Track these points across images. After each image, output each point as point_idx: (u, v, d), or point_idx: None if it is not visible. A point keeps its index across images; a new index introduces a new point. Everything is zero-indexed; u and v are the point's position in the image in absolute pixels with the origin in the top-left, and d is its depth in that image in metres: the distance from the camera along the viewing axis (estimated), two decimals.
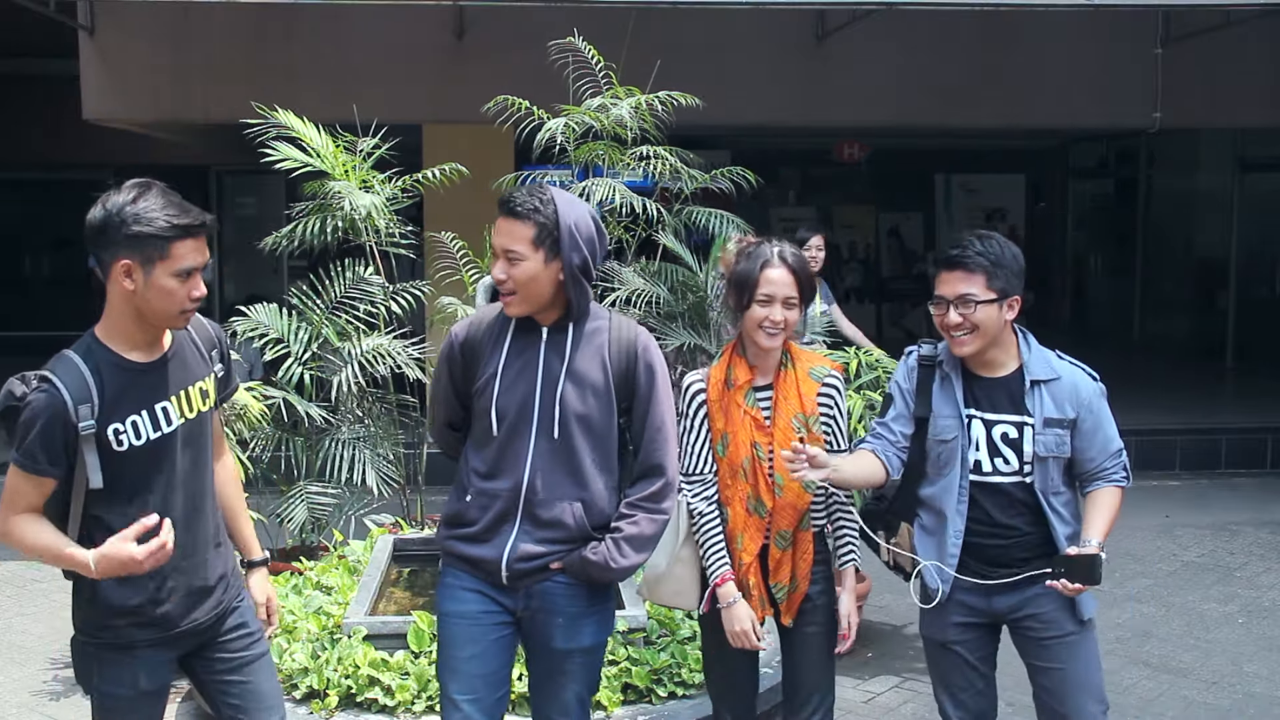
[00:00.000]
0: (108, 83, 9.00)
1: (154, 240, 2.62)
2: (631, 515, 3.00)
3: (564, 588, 3.02)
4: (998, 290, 3.14)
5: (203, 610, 2.86)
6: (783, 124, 10.23)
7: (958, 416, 3.22)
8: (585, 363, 2.99)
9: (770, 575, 3.33)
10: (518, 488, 2.98)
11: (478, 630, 3.03)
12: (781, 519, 3.30)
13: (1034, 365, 3.21)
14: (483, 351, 3.02)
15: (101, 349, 2.70)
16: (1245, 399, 11.58)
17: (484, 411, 3.00)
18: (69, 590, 2.84)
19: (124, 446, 2.67)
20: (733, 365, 3.36)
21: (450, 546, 3.08)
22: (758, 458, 3.28)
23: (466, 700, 3.01)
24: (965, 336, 3.17)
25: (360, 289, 5.67)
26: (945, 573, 3.24)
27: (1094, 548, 3.07)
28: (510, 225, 2.93)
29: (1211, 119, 10.40)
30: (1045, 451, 3.16)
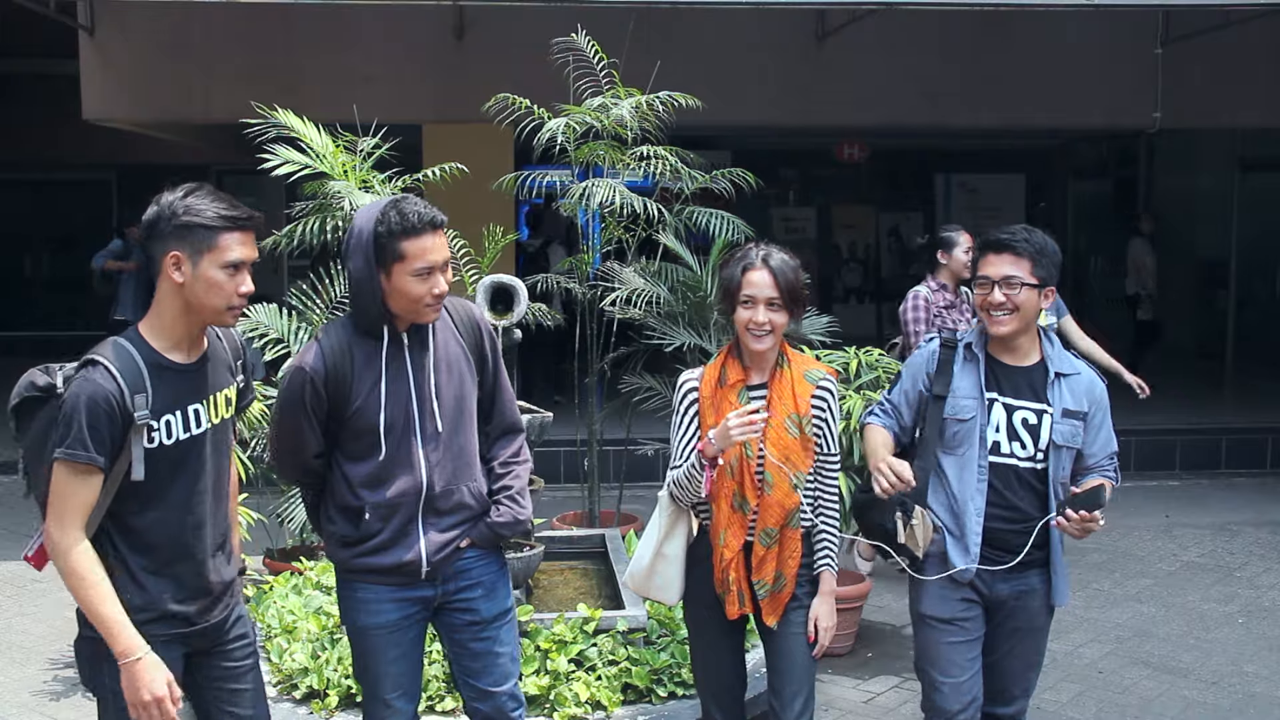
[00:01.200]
0: (108, 83, 9.01)
1: (202, 231, 2.67)
2: (510, 470, 3.20)
3: (476, 559, 3.16)
4: (1039, 278, 3.27)
5: (216, 612, 2.87)
6: (783, 124, 10.24)
7: (978, 397, 3.34)
8: (447, 349, 3.10)
9: (753, 572, 3.33)
10: (417, 490, 3.04)
11: (398, 635, 3.11)
12: (768, 516, 3.30)
13: (1057, 359, 3.37)
14: (344, 378, 2.98)
15: (144, 344, 2.72)
16: (1245, 399, 11.58)
17: (366, 429, 3.00)
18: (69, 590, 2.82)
19: (155, 444, 2.68)
20: (727, 365, 3.38)
21: (357, 564, 3.07)
22: (746, 456, 3.29)
23: (397, 697, 3.13)
24: (1006, 316, 3.29)
25: None
26: (973, 551, 3.33)
27: (1096, 480, 3.29)
28: None
29: (1211, 119, 10.40)
30: (1062, 440, 3.30)
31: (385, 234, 2.92)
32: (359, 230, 2.96)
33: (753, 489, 3.30)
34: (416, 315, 3.01)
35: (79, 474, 2.61)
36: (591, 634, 4.47)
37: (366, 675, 3.15)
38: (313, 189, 5.59)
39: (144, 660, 2.63)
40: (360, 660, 3.16)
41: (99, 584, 2.63)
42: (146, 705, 2.63)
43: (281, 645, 4.50)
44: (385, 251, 2.92)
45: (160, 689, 2.64)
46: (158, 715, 2.65)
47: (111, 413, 2.60)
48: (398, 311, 3.00)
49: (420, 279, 2.94)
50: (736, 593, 3.33)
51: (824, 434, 3.38)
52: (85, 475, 2.61)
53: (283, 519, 5.62)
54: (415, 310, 2.99)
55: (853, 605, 5.47)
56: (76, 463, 2.60)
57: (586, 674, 4.34)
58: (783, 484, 3.28)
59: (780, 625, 3.36)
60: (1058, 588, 3.41)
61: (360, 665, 3.17)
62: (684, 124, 6.00)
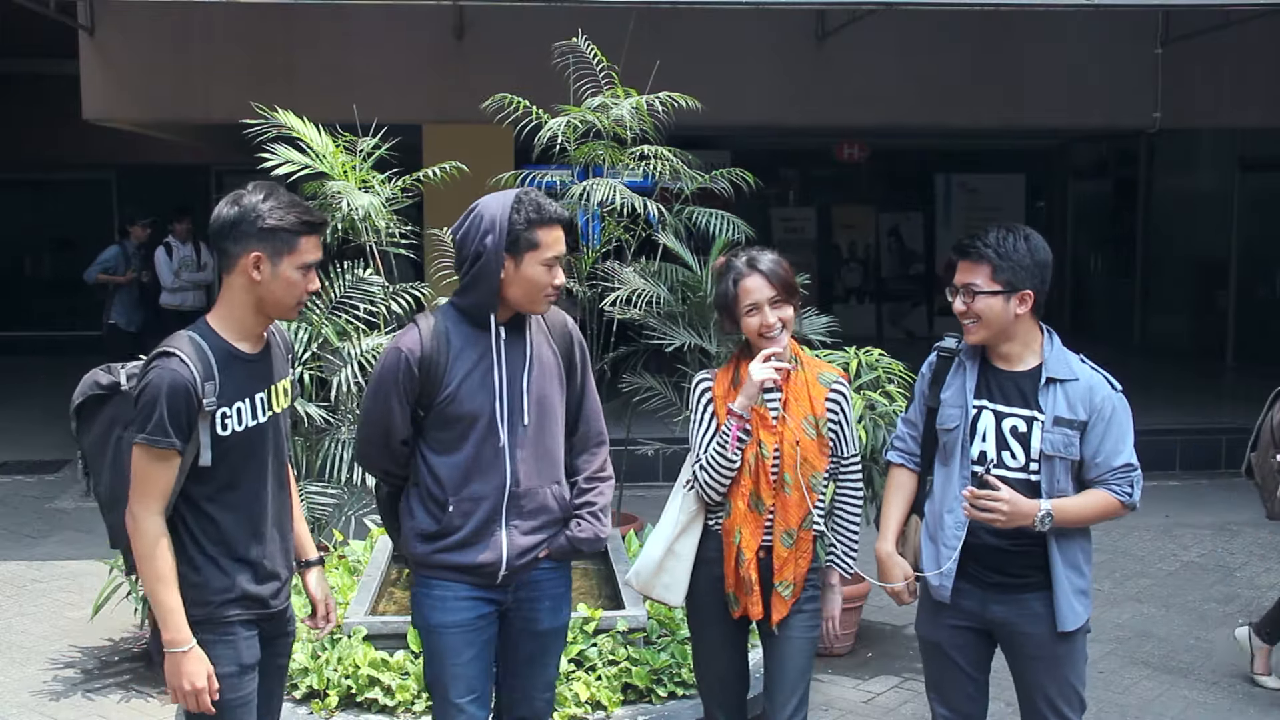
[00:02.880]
0: (108, 83, 9.01)
1: (285, 235, 2.80)
2: (595, 487, 3.20)
3: (549, 572, 3.17)
4: (1003, 282, 3.11)
5: (282, 596, 2.98)
6: (783, 124, 10.24)
7: (962, 406, 3.21)
8: (540, 349, 3.14)
9: (775, 574, 3.33)
10: (502, 486, 3.06)
11: (473, 635, 3.10)
12: (789, 517, 3.31)
13: (1053, 363, 3.18)
14: (440, 361, 3.03)
15: (214, 335, 2.83)
16: (1245, 399, 11.53)
17: (456, 418, 3.03)
18: (69, 590, 2.86)
19: (227, 431, 2.80)
20: (740, 367, 3.39)
21: (438, 560, 3.08)
22: (761, 455, 3.29)
23: (469, 701, 3.10)
24: (971, 325, 3.19)
25: (360, 289, 5.67)
26: (947, 567, 3.20)
27: (1010, 495, 3.02)
28: None
29: (1211, 119, 10.40)
30: (1052, 450, 3.11)
31: (522, 222, 3.00)
32: (490, 218, 3.01)
33: (768, 488, 3.30)
34: (534, 304, 3.08)
35: (160, 458, 2.72)
36: (591, 634, 4.47)
37: (440, 677, 3.12)
38: (312, 189, 5.59)
39: (191, 652, 2.75)
40: (434, 661, 3.13)
41: (167, 569, 2.75)
42: (187, 694, 2.75)
43: None
44: (520, 239, 3.00)
45: (201, 681, 2.75)
46: (194, 704, 2.77)
47: (189, 399, 2.72)
48: (514, 300, 3.05)
49: (548, 268, 3.03)
50: (758, 593, 3.32)
51: (840, 436, 3.40)
52: (166, 459, 2.73)
53: None
54: (534, 299, 3.06)
55: (853, 605, 5.46)
56: (158, 448, 2.71)
57: (586, 674, 4.34)
58: (800, 485, 3.30)
59: (780, 628, 3.37)
60: (1061, 611, 3.12)
61: (433, 668, 3.14)
62: (684, 124, 6.00)
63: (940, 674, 3.33)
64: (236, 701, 2.85)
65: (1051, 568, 3.13)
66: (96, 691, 5.03)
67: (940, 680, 3.33)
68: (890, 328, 15.35)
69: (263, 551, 2.90)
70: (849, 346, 5.36)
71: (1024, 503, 3.05)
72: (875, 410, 5.08)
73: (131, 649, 5.44)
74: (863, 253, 16.04)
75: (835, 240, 15.98)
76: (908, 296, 15.83)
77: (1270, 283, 12.75)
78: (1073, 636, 3.18)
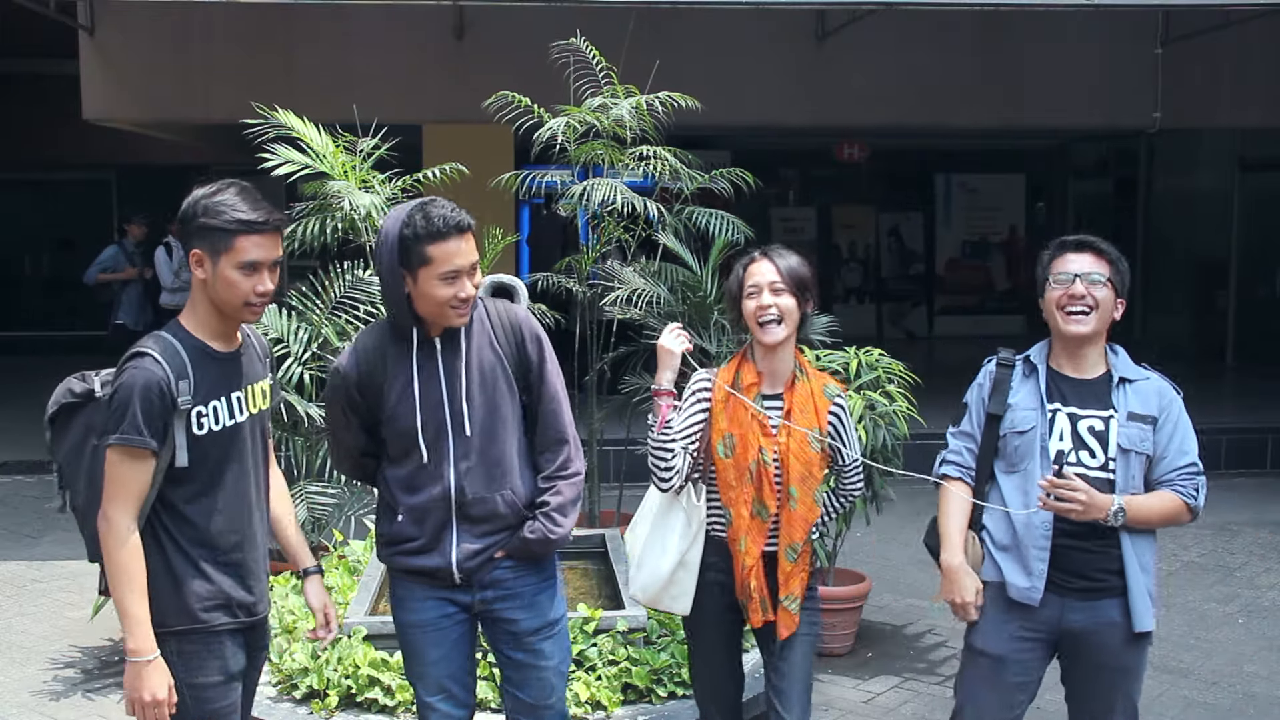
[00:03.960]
0: (108, 83, 9.01)
1: (219, 233, 2.74)
2: (553, 485, 3.11)
3: (511, 571, 3.12)
4: (1117, 284, 3.22)
5: (264, 601, 2.95)
6: (783, 124, 10.24)
7: (1038, 408, 3.21)
8: (481, 355, 3.07)
9: (781, 588, 3.32)
10: (447, 496, 3.04)
11: (438, 635, 3.12)
12: (794, 531, 3.30)
13: (1122, 366, 3.27)
14: (377, 381, 3.02)
15: (188, 335, 2.80)
16: (1245, 399, 11.57)
17: (403, 432, 3.02)
18: (69, 590, 2.85)
19: (204, 430, 2.76)
20: (741, 370, 3.37)
21: (397, 563, 3.12)
22: (763, 462, 3.28)
23: (440, 700, 3.13)
24: (1083, 315, 3.19)
25: (360, 289, 5.67)
26: (1037, 568, 3.15)
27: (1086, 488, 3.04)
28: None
29: (1211, 119, 10.40)
30: (1129, 444, 3.15)
31: (411, 238, 2.91)
32: (385, 234, 2.95)
33: (772, 494, 3.29)
34: (443, 319, 2.99)
35: (135, 459, 2.68)
36: (591, 634, 4.47)
37: (410, 675, 3.20)
38: (313, 189, 5.59)
39: (155, 662, 2.70)
40: (406, 660, 3.20)
41: (137, 575, 2.70)
42: (146, 705, 2.70)
43: (281, 645, 4.50)
44: (411, 255, 2.91)
45: (161, 693, 2.70)
46: (153, 716, 2.71)
47: (163, 398, 2.68)
48: (425, 315, 2.99)
49: (446, 283, 2.93)
50: (759, 601, 3.31)
51: (838, 448, 3.38)
52: (140, 460, 2.68)
53: None
54: (442, 314, 2.97)
55: (853, 605, 5.47)
56: (132, 447, 2.66)
57: (586, 674, 4.34)
58: (806, 498, 3.29)
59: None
60: (1136, 610, 3.11)
61: (406, 665, 3.21)
62: (684, 124, 6.00)
63: (994, 687, 3.26)
64: (224, 710, 2.83)
65: (1126, 567, 3.13)
66: (96, 691, 5.03)
67: (989, 696, 3.26)
68: (890, 328, 15.33)
69: (246, 555, 2.86)
70: (849, 346, 5.36)
71: (1100, 496, 3.07)
72: (875, 410, 5.08)
73: None
74: (863, 253, 16.03)
75: (835, 240, 15.97)
76: (908, 296, 15.82)
77: (1270, 283, 12.76)
78: (1144, 642, 3.19)
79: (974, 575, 3.28)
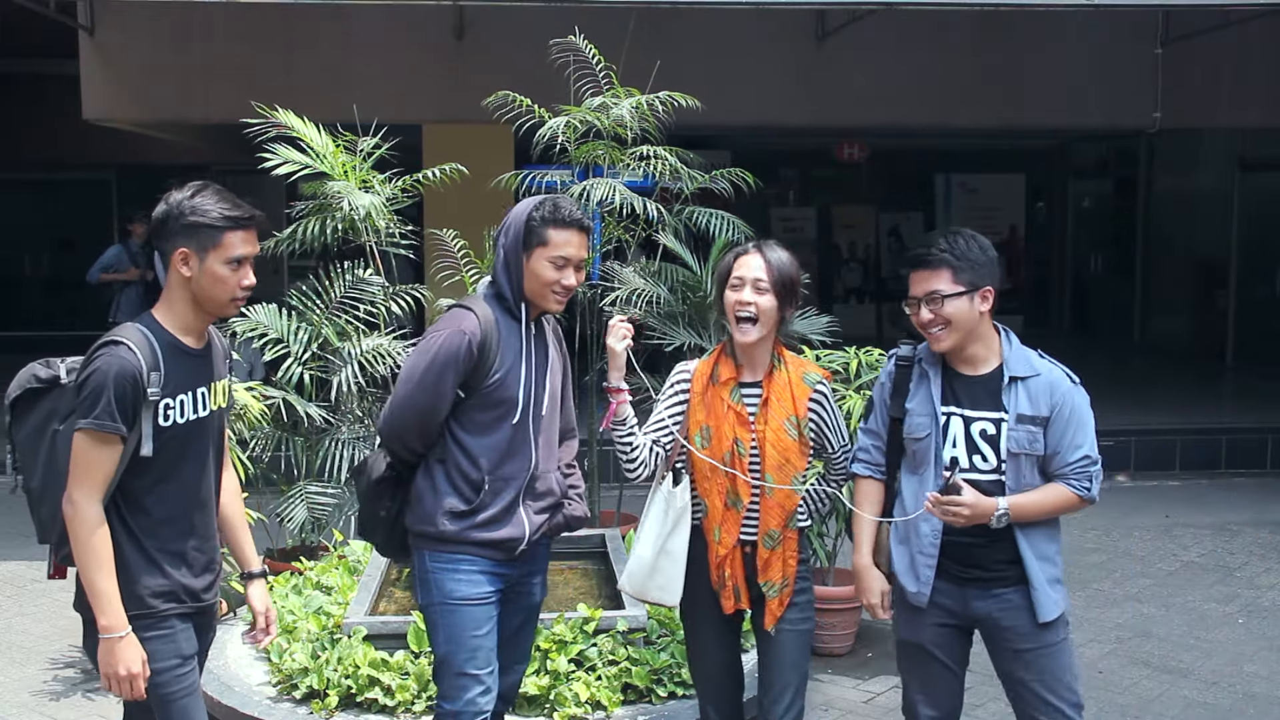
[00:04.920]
0: (108, 83, 9.02)
1: (208, 230, 2.84)
2: (574, 472, 3.51)
3: (545, 548, 3.47)
4: (965, 283, 3.13)
5: (212, 591, 3.02)
6: (783, 124, 10.25)
7: (931, 414, 3.22)
8: (554, 347, 3.41)
9: (759, 574, 3.34)
10: (527, 468, 3.28)
11: (490, 608, 3.28)
12: (771, 518, 3.31)
13: (1013, 362, 3.20)
14: (492, 347, 3.20)
15: (161, 329, 2.87)
16: (1245, 399, 11.57)
17: (501, 401, 3.22)
18: (69, 590, 2.86)
19: (169, 422, 2.83)
20: (719, 363, 3.39)
21: (469, 536, 3.23)
22: (738, 453, 3.29)
23: (488, 673, 3.26)
24: (940, 332, 3.17)
25: (360, 289, 5.67)
26: (924, 574, 3.22)
27: (972, 496, 3.06)
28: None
29: (1211, 119, 10.41)
30: (1017, 448, 3.14)
31: (538, 220, 3.22)
32: (517, 214, 3.26)
33: (746, 485, 3.30)
34: (544, 301, 3.26)
35: (104, 444, 2.74)
36: (591, 634, 4.47)
37: (459, 651, 3.23)
38: (313, 189, 5.60)
39: (127, 638, 2.78)
40: (454, 636, 3.24)
41: (105, 556, 2.76)
42: (121, 679, 2.78)
43: (281, 645, 4.50)
44: (532, 235, 3.21)
45: (136, 666, 2.78)
46: (129, 690, 2.79)
47: (134, 386, 2.74)
48: (529, 294, 3.25)
49: (555, 267, 3.20)
50: (732, 588, 3.34)
51: (820, 435, 3.39)
52: (109, 445, 2.74)
53: (283, 519, 5.61)
54: (544, 296, 3.24)
55: (852, 605, 5.46)
56: (104, 432, 2.72)
57: (586, 674, 4.34)
58: (784, 485, 3.29)
59: (776, 620, 3.37)
60: (1039, 602, 3.16)
61: (452, 642, 3.24)
62: (684, 124, 6.00)
63: (926, 674, 3.33)
64: (182, 693, 2.88)
65: (1023, 560, 3.16)
66: (96, 691, 5.03)
67: (926, 680, 3.33)
68: (890, 328, 15.32)
69: (198, 545, 2.94)
70: (849, 346, 5.36)
71: (984, 502, 3.09)
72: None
73: None
74: (863, 253, 16.04)
75: (835, 240, 15.98)
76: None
77: (1270, 283, 12.76)
78: (1055, 626, 3.21)
79: (880, 578, 3.37)
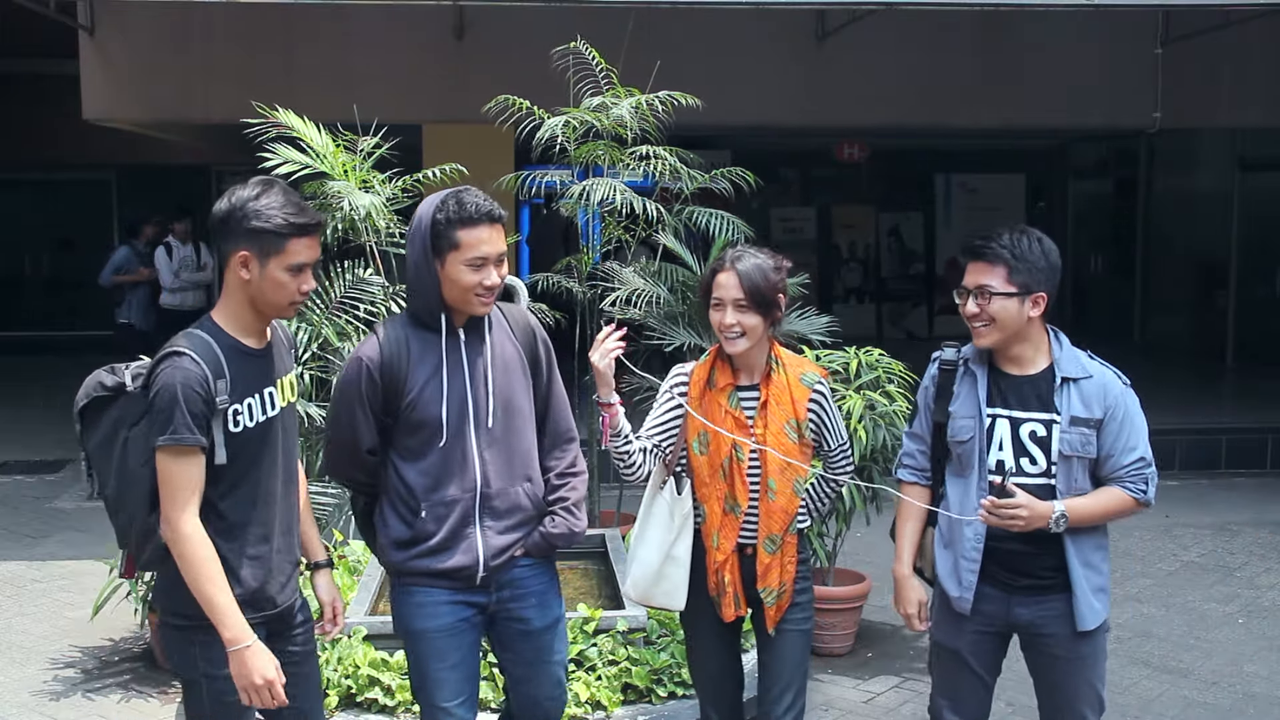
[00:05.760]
0: (108, 83, 9.01)
1: (271, 236, 2.75)
2: (567, 482, 3.20)
3: (529, 569, 3.16)
4: (1019, 284, 3.07)
5: (289, 591, 2.95)
6: (783, 124, 10.24)
7: (976, 416, 3.16)
8: (502, 348, 3.12)
9: (759, 579, 3.32)
10: (472, 488, 3.05)
11: (455, 640, 3.10)
12: (773, 523, 3.30)
13: (1065, 363, 3.15)
14: (400, 368, 3.01)
15: (221, 333, 2.80)
16: (1245, 399, 11.57)
17: (426, 421, 3.01)
18: (69, 590, 2.85)
19: (239, 428, 2.77)
20: (715, 368, 3.37)
21: (414, 566, 3.07)
22: (736, 458, 3.27)
23: (458, 704, 3.10)
24: (983, 328, 3.14)
25: (360, 289, 5.67)
26: (966, 579, 3.18)
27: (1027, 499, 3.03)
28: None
29: (1211, 119, 10.40)
30: (1070, 450, 3.09)
31: (443, 222, 2.98)
32: (419, 218, 3.02)
33: (744, 490, 3.28)
34: (468, 306, 3.03)
35: (186, 457, 2.69)
36: (591, 634, 4.47)
37: (425, 683, 3.10)
38: (312, 189, 5.59)
39: (253, 647, 2.72)
40: (418, 668, 3.12)
41: (214, 569, 2.71)
42: (259, 689, 2.72)
43: None
44: (442, 239, 2.98)
45: (270, 672, 2.73)
46: (269, 698, 2.73)
47: (205, 396, 2.70)
48: (451, 302, 3.03)
49: (473, 269, 2.97)
50: (732, 595, 3.32)
51: (821, 436, 3.38)
52: (191, 458, 2.69)
53: None
54: (467, 300, 3.01)
55: (853, 605, 5.47)
56: (183, 446, 2.67)
57: (586, 674, 4.34)
58: (785, 489, 3.29)
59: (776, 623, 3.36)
60: (1080, 610, 3.11)
61: (418, 674, 3.12)
62: (684, 124, 6.00)
63: (957, 680, 3.30)
64: (239, 704, 2.81)
65: (1069, 565, 3.12)
66: (96, 691, 5.03)
67: (956, 687, 3.30)
68: (890, 328, 15.33)
69: (273, 547, 2.88)
70: (849, 346, 5.36)
71: (1040, 506, 3.04)
72: (875, 410, 5.08)
73: (132, 649, 5.43)
74: (863, 253, 16.03)
75: (835, 240, 15.97)
76: (908, 296, 15.81)
77: (1270, 283, 12.76)
78: (1094, 635, 3.18)
79: (919, 589, 3.34)
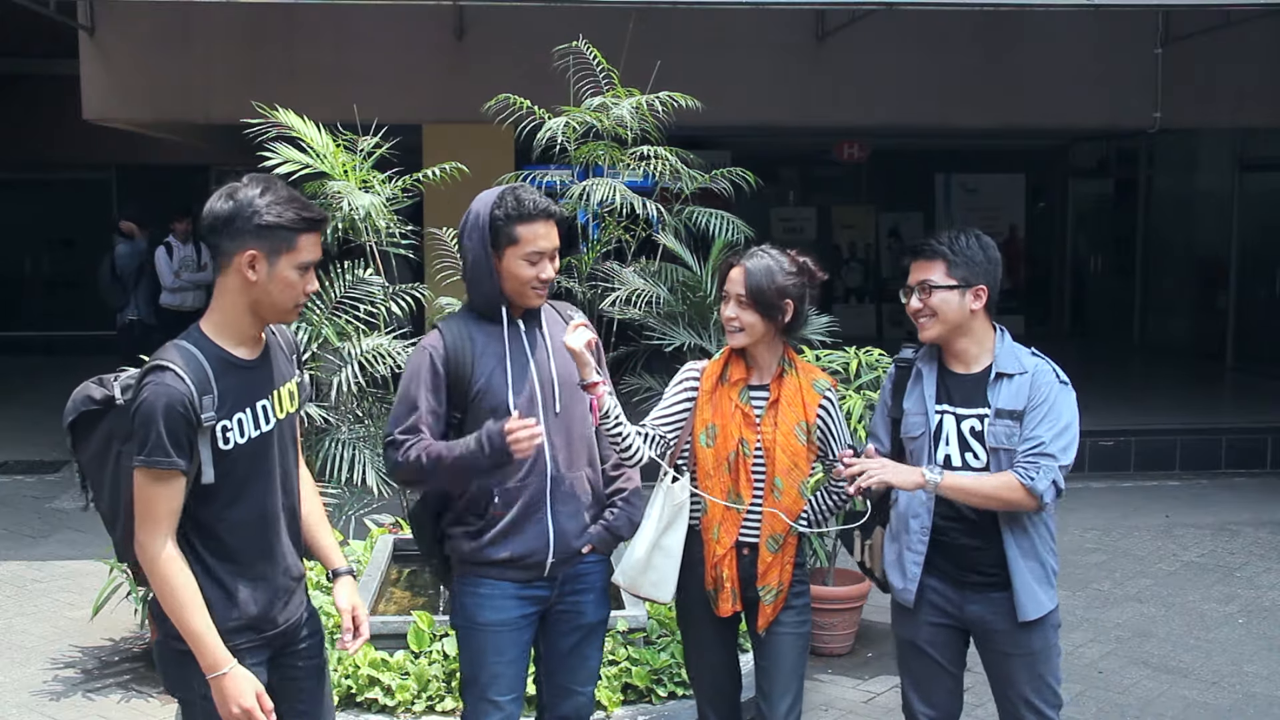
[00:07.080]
0: (108, 83, 9.01)
1: (284, 232, 2.65)
2: (622, 472, 3.33)
3: (592, 564, 3.27)
4: (959, 278, 3.17)
5: (292, 608, 2.84)
6: (783, 124, 10.24)
7: (924, 413, 3.26)
8: (557, 339, 3.20)
9: (760, 578, 3.33)
10: (542, 472, 3.13)
11: (516, 634, 3.17)
12: (776, 523, 3.31)
13: (1002, 358, 3.23)
14: (465, 358, 3.10)
15: (209, 343, 2.67)
16: (1245, 399, 11.57)
17: (494, 409, 3.08)
18: (69, 590, 2.84)
19: (230, 445, 2.65)
20: (730, 363, 3.40)
21: (484, 555, 3.13)
22: (742, 454, 3.30)
23: (511, 700, 3.17)
24: (926, 321, 3.23)
25: (360, 289, 5.67)
26: (910, 571, 3.26)
27: (879, 462, 3.11)
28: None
29: (1211, 119, 10.40)
30: (995, 442, 3.16)
31: (502, 218, 3.09)
32: (476, 214, 3.12)
33: (748, 485, 3.30)
34: (524, 299, 3.15)
35: (163, 480, 2.57)
36: None
37: (480, 675, 3.15)
38: (313, 189, 5.59)
39: (231, 673, 2.61)
40: (475, 660, 3.17)
41: (189, 595, 2.60)
42: (236, 717, 2.61)
43: None
44: (500, 235, 3.09)
45: (249, 701, 2.61)
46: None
47: (186, 415, 2.56)
48: (508, 294, 3.14)
49: (530, 263, 3.09)
50: (729, 590, 3.33)
51: (826, 444, 3.39)
52: (169, 480, 2.58)
53: None
54: (523, 293, 3.13)
55: (853, 605, 5.47)
56: (159, 469, 2.56)
57: None
58: (791, 490, 3.31)
59: (770, 626, 3.37)
60: (1020, 601, 3.16)
61: (473, 666, 3.17)
62: (684, 124, 6.00)
63: (920, 672, 3.35)
64: None
65: (1007, 557, 3.18)
66: (96, 691, 5.04)
67: (920, 678, 3.36)
68: (890, 328, 15.32)
69: (272, 567, 2.75)
70: (849, 346, 5.36)
71: (902, 468, 3.14)
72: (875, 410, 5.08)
73: (131, 649, 5.44)
74: (863, 253, 16.04)
75: (835, 240, 15.98)
76: None
77: (1270, 283, 12.76)
78: (1039, 628, 3.21)
79: None
